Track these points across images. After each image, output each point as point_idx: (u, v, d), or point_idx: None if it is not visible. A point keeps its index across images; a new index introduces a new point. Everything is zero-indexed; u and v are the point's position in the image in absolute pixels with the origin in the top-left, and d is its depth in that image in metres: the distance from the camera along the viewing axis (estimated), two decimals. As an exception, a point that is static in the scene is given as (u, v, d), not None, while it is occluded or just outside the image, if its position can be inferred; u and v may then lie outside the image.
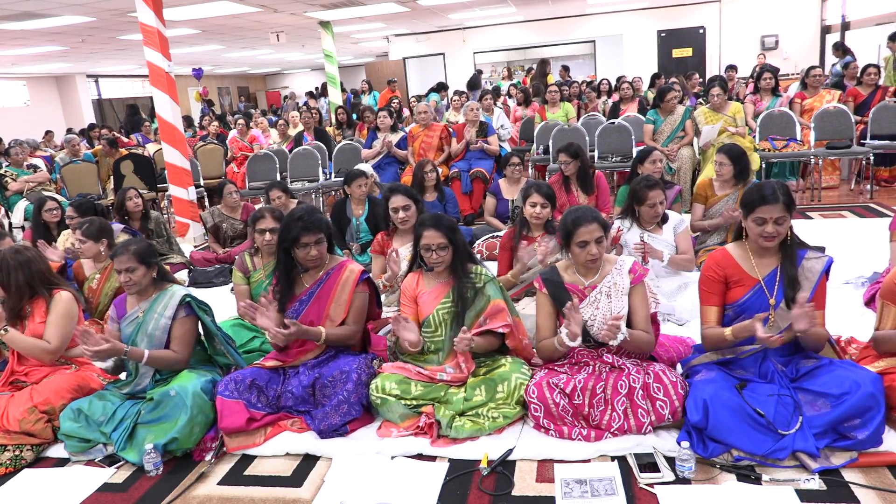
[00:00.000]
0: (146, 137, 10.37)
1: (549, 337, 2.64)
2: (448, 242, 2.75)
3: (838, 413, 2.19)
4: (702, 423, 2.26)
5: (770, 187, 2.38)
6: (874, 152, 6.06)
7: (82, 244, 3.83)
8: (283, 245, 2.82)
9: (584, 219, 2.54)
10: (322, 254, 2.82)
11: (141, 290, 2.82)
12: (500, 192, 5.51)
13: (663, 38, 14.84)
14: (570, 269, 2.68)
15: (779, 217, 2.36)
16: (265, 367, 2.83)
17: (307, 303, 2.85)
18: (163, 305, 2.80)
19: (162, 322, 2.78)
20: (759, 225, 2.39)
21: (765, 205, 2.36)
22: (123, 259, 2.75)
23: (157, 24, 6.25)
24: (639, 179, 3.78)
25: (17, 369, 2.95)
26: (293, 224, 2.75)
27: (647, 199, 3.65)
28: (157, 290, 2.86)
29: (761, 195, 2.38)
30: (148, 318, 2.79)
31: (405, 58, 16.46)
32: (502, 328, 2.69)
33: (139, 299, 2.85)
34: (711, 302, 2.53)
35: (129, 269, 2.75)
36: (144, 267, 2.79)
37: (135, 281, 2.77)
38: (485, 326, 2.70)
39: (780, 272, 2.44)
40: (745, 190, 2.51)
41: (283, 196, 5.19)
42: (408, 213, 3.73)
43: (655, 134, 6.30)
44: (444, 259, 2.76)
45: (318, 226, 2.77)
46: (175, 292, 2.83)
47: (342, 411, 2.62)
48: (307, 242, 2.75)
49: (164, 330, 2.78)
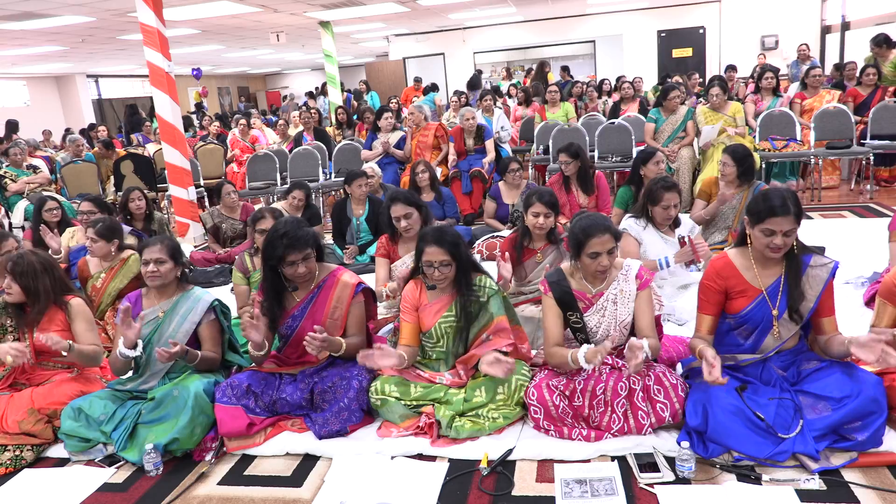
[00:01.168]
0: (146, 137, 10.37)
1: (559, 342, 2.58)
2: (451, 259, 2.63)
3: (839, 417, 2.18)
4: (701, 427, 2.25)
5: (780, 197, 2.28)
6: (874, 152, 6.06)
7: (94, 243, 3.79)
8: (268, 263, 2.70)
9: (597, 229, 2.45)
10: (311, 269, 2.72)
11: (163, 285, 2.80)
12: (500, 197, 5.49)
13: (663, 38, 14.85)
14: (577, 274, 2.61)
15: (788, 230, 2.28)
16: (261, 370, 2.79)
17: (300, 318, 2.77)
18: (186, 308, 2.78)
19: (185, 326, 2.76)
20: (766, 236, 2.30)
21: (775, 217, 2.27)
22: (155, 250, 2.74)
23: (157, 24, 6.25)
24: (656, 180, 3.75)
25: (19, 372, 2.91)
26: (277, 242, 2.61)
27: (663, 199, 3.63)
28: (178, 290, 2.84)
29: (771, 206, 2.27)
30: (169, 320, 2.77)
31: (405, 58, 16.46)
32: (506, 347, 2.62)
33: (158, 298, 2.82)
34: (707, 311, 2.47)
35: (158, 261, 2.74)
36: (173, 262, 2.78)
37: (161, 274, 2.75)
38: (486, 345, 2.63)
39: (784, 282, 2.38)
40: (754, 198, 2.39)
41: (304, 199, 5.21)
42: (410, 221, 3.61)
43: (656, 133, 6.30)
44: (447, 276, 2.66)
45: (305, 241, 2.64)
46: (201, 297, 2.82)
47: (343, 417, 2.61)
48: (294, 260, 2.64)
49: (186, 334, 2.76)
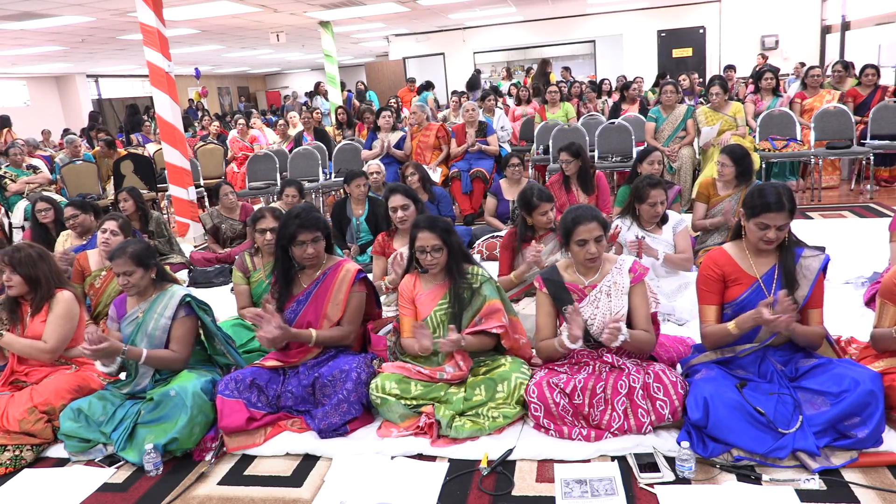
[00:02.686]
0: (146, 137, 10.38)
1: (550, 337, 2.63)
2: (442, 244, 2.73)
3: (838, 411, 2.19)
4: (702, 422, 2.26)
5: (775, 193, 2.36)
6: (874, 152, 6.06)
7: (114, 236, 3.81)
8: (280, 243, 2.82)
9: (584, 217, 2.54)
10: (319, 252, 2.82)
11: (140, 291, 2.82)
12: (501, 193, 5.51)
13: (663, 38, 14.85)
14: (571, 268, 2.68)
15: (782, 224, 2.36)
16: (265, 366, 2.82)
17: (304, 303, 2.84)
18: (163, 305, 2.80)
19: (162, 322, 2.77)
20: (760, 230, 2.39)
21: (769, 212, 2.35)
22: (120, 262, 2.74)
23: (157, 24, 6.25)
24: (642, 178, 3.77)
25: (18, 369, 2.95)
26: (290, 221, 2.75)
27: (649, 197, 3.64)
28: (157, 290, 2.85)
29: (766, 202, 2.36)
30: (147, 318, 2.79)
31: (405, 58, 16.46)
32: (496, 329, 2.67)
33: (139, 299, 2.84)
34: (710, 301, 2.52)
35: (126, 273, 2.75)
36: (142, 269, 2.78)
37: (133, 283, 2.77)
38: (479, 326, 2.69)
39: (779, 270, 2.44)
40: (749, 192, 2.48)
41: (298, 196, 5.21)
42: (406, 213, 3.73)
43: (656, 133, 6.30)
44: (438, 261, 2.75)
45: (316, 224, 2.76)
46: (175, 292, 2.83)
47: (342, 410, 2.62)
48: (304, 240, 2.75)
49: (164, 330, 2.77)
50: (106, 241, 3.82)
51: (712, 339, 2.51)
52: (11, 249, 2.95)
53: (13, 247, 2.97)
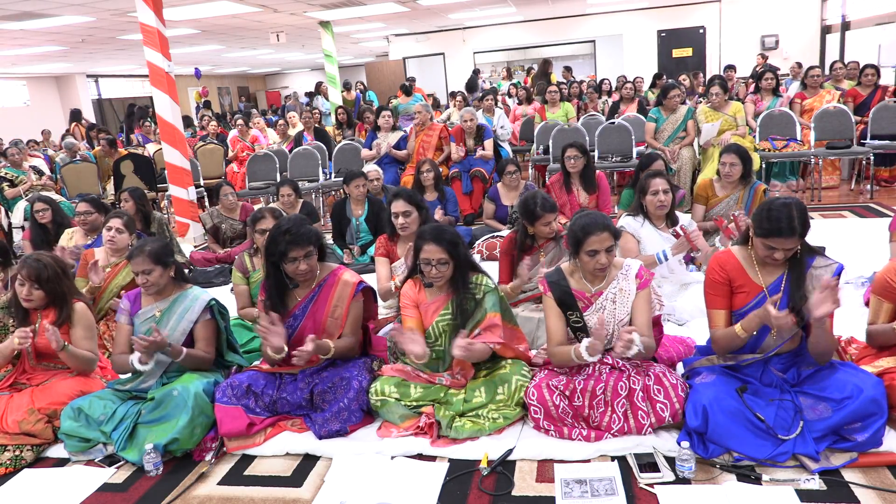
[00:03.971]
0: (146, 137, 10.38)
1: (562, 341, 2.57)
2: (449, 258, 2.63)
3: (840, 418, 2.18)
4: (701, 429, 2.25)
5: (787, 217, 2.21)
6: (874, 152, 6.06)
7: (119, 234, 3.80)
8: (270, 259, 2.70)
9: (595, 227, 2.45)
10: (313, 267, 2.72)
11: (159, 290, 2.80)
12: (499, 198, 5.48)
13: (663, 38, 14.84)
14: (577, 273, 2.60)
15: (792, 248, 2.27)
16: (262, 370, 2.80)
17: (301, 318, 2.77)
18: (184, 308, 2.79)
19: (182, 325, 2.77)
20: (768, 249, 2.30)
21: (779, 237, 2.24)
22: (139, 261, 2.73)
23: (157, 24, 6.25)
24: (645, 172, 3.79)
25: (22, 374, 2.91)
26: (280, 238, 2.63)
27: (651, 186, 3.62)
28: (175, 290, 2.84)
29: (777, 227, 2.23)
30: (166, 319, 2.78)
31: (405, 58, 16.46)
32: (493, 344, 2.62)
33: (157, 297, 2.83)
34: (718, 305, 2.45)
35: (145, 272, 2.74)
36: (161, 267, 2.77)
37: (152, 282, 2.76)
38: (477, 339, 2.62)
39: (787, 282, 2.36)
40: (759, 208, 2.33)
41: (293, 195, 5.20)
42: (408, 220, 3.57)
43: (657, 133, 6.30)
44: (443, 274, 2.66)
45: (307, 239, 2.65)
46: (198, 296, 2.82)
47: (342, 418, 2.61)
48: (296, 257, 2.64)
49: (183, 332, 2.77)
50: (111, 238, 3.81)
51: (721, 343, 2.45)
52: (34, 262, 2.82)
53: (35, 260, 2.83)
